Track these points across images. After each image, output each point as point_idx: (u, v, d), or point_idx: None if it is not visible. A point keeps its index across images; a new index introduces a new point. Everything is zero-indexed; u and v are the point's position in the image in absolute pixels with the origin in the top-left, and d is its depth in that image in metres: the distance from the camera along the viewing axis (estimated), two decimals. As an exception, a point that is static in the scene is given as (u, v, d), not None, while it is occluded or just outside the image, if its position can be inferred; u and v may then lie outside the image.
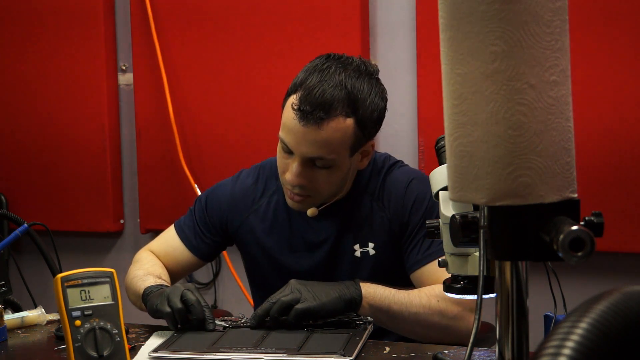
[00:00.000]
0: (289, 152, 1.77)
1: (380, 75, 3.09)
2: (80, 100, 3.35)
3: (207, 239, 2.00)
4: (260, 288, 2.03)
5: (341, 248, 1.90)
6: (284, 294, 1.70)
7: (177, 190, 3.26)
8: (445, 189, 1.27)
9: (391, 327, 1.79)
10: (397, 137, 3.06)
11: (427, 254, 1.83)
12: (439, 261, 1.34)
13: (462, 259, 1.28)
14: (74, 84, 3.35)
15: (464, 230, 1.02)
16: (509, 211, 0.91)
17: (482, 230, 0.96)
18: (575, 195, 0.92)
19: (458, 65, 0.92)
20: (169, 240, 2.02)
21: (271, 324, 1.69)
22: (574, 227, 0.85)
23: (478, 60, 0.90)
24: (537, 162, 0.89)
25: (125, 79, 3.39)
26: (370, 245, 1.88)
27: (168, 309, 1.69)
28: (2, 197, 3.46)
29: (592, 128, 2.73)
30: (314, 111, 1.71)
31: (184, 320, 1.70)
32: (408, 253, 1.86)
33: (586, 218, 0.93)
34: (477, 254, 1.25)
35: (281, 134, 1.77)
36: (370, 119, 1.77)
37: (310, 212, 1.85)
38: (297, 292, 1.69)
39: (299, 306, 1.67)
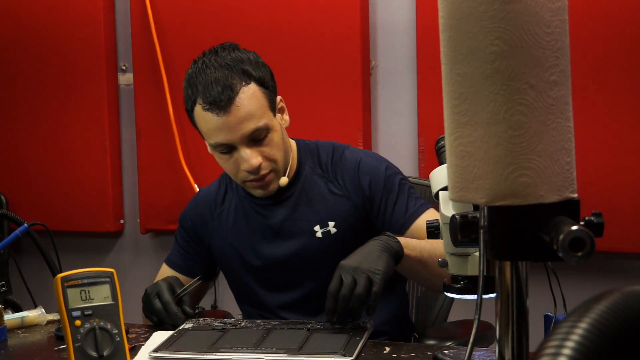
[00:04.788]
0: (228, 151, 1.84)
1: (380, 75, 3.09)
2: (80, 100, 3.35)
3: (194, 257, 2.04)
4: (239, 292, 2.04)
5: (300, 230, 1.92)
6: (349, 286, 1.63)
7: (177, 190, 3.26)
8: (445, 189, 1.27)
9: (419, 274, 1.79)
10: (397, 137, 3.07)
11: (408, 216, 1.89)
12: (439, 261, 1.34)
13: (462, 259, 1.28)
14: (74, 84, 3.35)
15: (464, 230, 1.02)
16: (509, 211, 0.91)
17: (482, 230, 0.96)
18: (575, 195, 0.92)
19: (458, 65, 0.92)
20: (163, 274, 2.04)
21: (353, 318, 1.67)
22: (574, 227, 0.85)
23: (478, 60, 0.90)
24: (537, 162, 0.89)
25: (125, 79, 3.39)
26: (331, 224, 1.91)
27: (155, 310, 1.81)
28: (2, 197, 3.46)
29: (592, 128, 2.73)
30: (221, 97, 1.79)
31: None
32: (388, 221, 1.89)
33: (586, 218, 0.93)
34: (477, 254, 1.24)
35: (211, 141, 1.84)
36: (264, 75, 1.86)
37: (282, 181, 1.89)
38: (363, 274, 1.63)
39: (375, 289, 1.62)
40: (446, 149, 0.97)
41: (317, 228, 1.92)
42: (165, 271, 2.04)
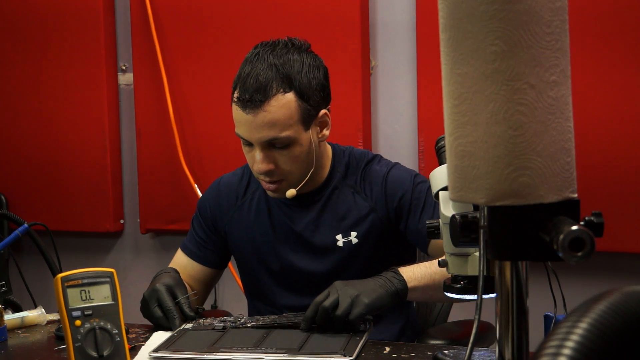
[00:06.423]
0: (249, 144, 1.83)
1: (380, 76, 3.08)
2: (81, 101, 3.35)
3: (209, 246, 2.03)
4: (252, 287, 2.04)
5: (322, 237, 1.92)
6: (332, 302, 1.67)
7: (177, 190, 3.26)
8: (445, 189, 1.27)
9: (428, 300, 1.87)
10: (397, 137, 3.07)
11: None
12: (439, 261, 1.35)
13: (462, 259, 1.28)
14: (74, 84, 3.35)
15: (464, 230, 1.02)
16: (509, 211, 0.91)
17: (482, 230, 0.96)
18: (575, 195, 0.92)
19: (458, 65, 0.92)
20: (177, 260, 2.05)
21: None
22: (574, 227, 0.85)
23: (478, 60, 0.90)
24: (537, 162, 0.89)
25: (125, 79, 3.39)
26: (353, 234, 1.91)
27: (155, 317, 1.78)
28: (2, 197, 3.46)
29: (592, 128, 2.73)
30: (252, 97, 1.77)
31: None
32: (417, 229, 1.88)
33: (586, 218, 0.92)
34: (477, 254, 1.24)
35: (236, 130, 1.83)
36: (309, 88, 1.81)
37: (289, 193, 1.87)
38: (348, 297, 1.68)
39: (350, 317, 1.67)
40: (446, 149, 0.97)
41: (339, 237, 1.91)
42: (180, 257, 2.05)
